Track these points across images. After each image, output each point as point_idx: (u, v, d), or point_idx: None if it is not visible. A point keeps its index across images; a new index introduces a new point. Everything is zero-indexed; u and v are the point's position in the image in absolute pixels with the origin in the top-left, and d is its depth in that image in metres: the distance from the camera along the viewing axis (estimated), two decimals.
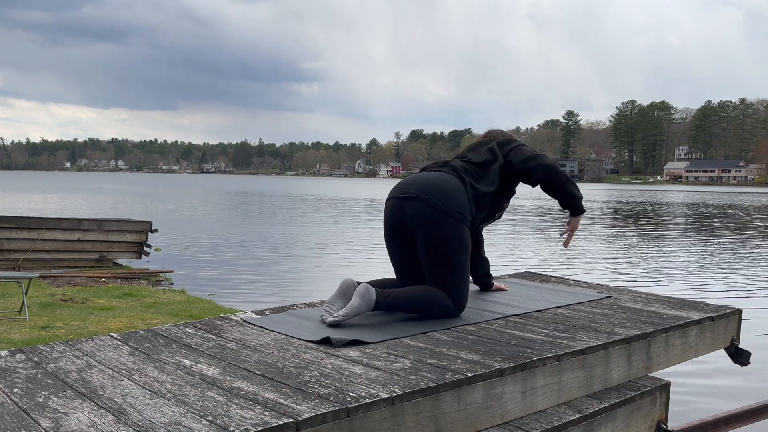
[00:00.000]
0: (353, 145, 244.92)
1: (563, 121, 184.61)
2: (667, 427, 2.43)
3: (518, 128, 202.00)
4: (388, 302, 2.52)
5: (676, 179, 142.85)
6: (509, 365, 1.96)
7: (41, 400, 1.64)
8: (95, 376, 1.84)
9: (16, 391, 1.71)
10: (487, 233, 3.20)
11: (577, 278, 4.87)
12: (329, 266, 12.19)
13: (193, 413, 1.54)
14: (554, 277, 3.71)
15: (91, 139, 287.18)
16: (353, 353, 2.07)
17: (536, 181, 2.78)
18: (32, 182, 73.55)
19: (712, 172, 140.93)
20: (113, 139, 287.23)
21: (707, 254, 15.03)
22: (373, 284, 2.58)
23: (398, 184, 2.80)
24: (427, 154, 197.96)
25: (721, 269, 12.50)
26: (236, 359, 2.00)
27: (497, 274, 3.46)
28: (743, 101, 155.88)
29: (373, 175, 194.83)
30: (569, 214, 2.93)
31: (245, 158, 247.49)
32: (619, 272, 11.92)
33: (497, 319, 2.59)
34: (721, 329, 2.81)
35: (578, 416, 2.07)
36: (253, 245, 15.43)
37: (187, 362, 1.97)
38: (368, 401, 1.63)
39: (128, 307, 7.27)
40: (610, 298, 3.09)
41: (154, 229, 10.91)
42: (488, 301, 2.92)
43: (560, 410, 2.09)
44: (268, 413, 1.53)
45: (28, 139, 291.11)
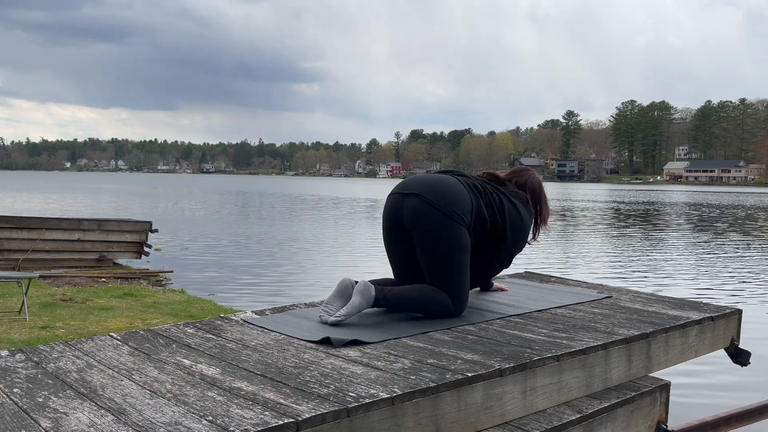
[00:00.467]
0: (353, 145, 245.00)
1: (563, 121, 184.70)
2: (667, 427, 2.43)
3: (518, 128, 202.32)
4: (387, 299, 2.51)
5: (676, 179, 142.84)
6: (509, 365, 1.96)
7: (41, 400, 1.64)
8: (95, 376, 1.84)
9: (16, 391, 1.71)
10: None
11: (577, 278, 4.87)
12: (329, 266, 12.19)
13: (193, 413, 1.54)
14: (554, 277, 3.71)
15: (91, 139, 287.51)
16: (353, 353, 2.07)
17: (484, 280, 3.04)
18: (32, 182, 73.54)
19: (712, 172, 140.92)
20: (113, 139, 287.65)
21: (707, 254, 15.03)
22: (372, 283, 2.58)
23: (402, 181, 2.81)
24: (427, 154, 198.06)
25: (721, 269, 12.50)
26: (236, 359, 2.00)
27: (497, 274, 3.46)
28: (743, 101, 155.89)
29: (373, 175, 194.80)
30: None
31: (245, 158, 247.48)
32: (619, 272, 11.92)
33: (497, 319, 2.59)
34: (721, 329, 2.81)
35: (578, 416, 2.06)
36: (253, 245, 15.43)
37: (187, 362, 1.97)
38: (368, 401, 1.63)
39: (128, 307, 7.27)
40: (610, 298, 3.09)
41: (154, 229, 10.91)
42: (488, 301, 2.92)
43: (560, 410, 2.09)
44: (268, 413, 1.53)
45: (28, 139, 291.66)
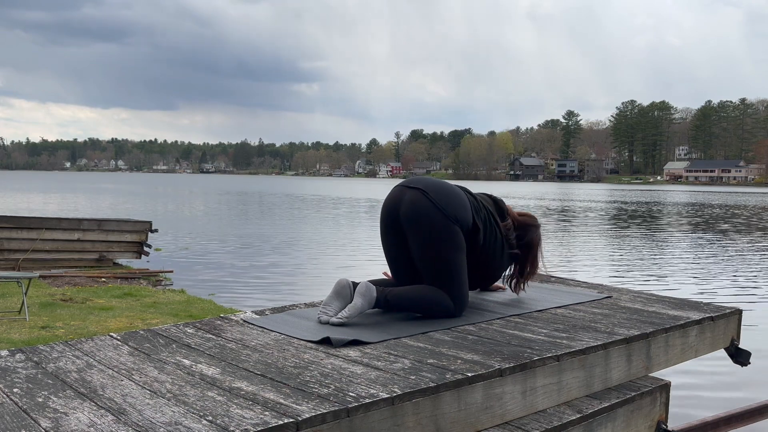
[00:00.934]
0: (353, 145, 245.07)
1: (563, 121, 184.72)
2: (667, 427, 2.43)
3: (518, 128, 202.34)
4: (388, 300, 2.51)
5: (676, 179, 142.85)
6: (509, 365, 1.96)
7: (41, 400, 1.64)
8: (95, 376, 1.84)
9: (16, 391, 1.71)
10: None
11: (577, 278, 4.87)
12: (329, 266, 12.19)
13: (193, 413, 1.54)
14: (554, 277, 3.71)
15: (91, 139, 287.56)
16: (353, 353, 2.07)
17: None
18: (32, 182, 73.54)
19: (712, 172, 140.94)
20: (113, 139, 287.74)
21: (707, 254, 15.04)
22: (372, 283, 2.58)
23: (409, 178, 2.84)
24: (427, 154, 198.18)
25: (721, 269, 12.50)
26: (236, 359, 2.00)
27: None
28: (743, 101, 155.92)
29: (373, 175, 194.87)
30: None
31: (245, 158, 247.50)
32: (619, 272, 11.92)
33: (497, 319, 2.59)
34: (721, 329, 2.81)
35: (578, 416, 2.06)
36: (253, 245, 15.43)
37: (187, 362, 1.97)
38: (368, 401, 1.62)
39: (128, 307, 7.27)
40: (610, 298, 3.08)
41: (153, 229, 10.91)
42: (488, 301, 2.92)
43: (560, 410, 2.09)
44: (268, 413, 1.53)
45: (28, 139, 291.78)
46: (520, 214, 2.98)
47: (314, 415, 1.52)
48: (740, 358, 2.87)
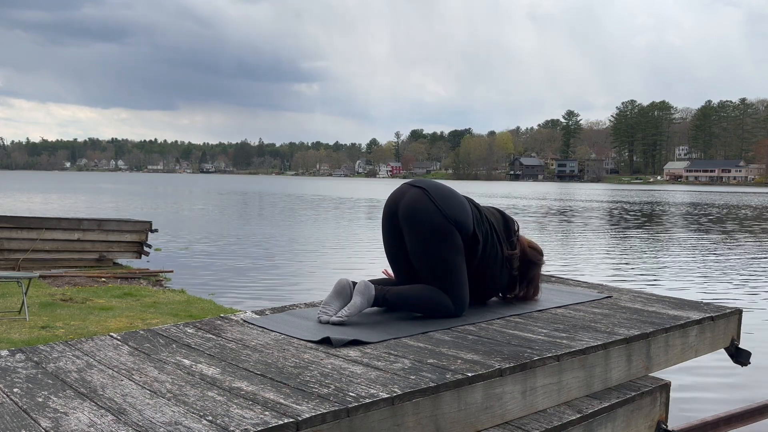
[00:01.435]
0: (353, 145, 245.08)
1: (563, 120, 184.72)
2: (667, 427, 2.43)
3: (518, 128, 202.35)
4: (387, 299, 2.51)
5: (676, 179, 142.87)
6: (509, 365, 1.96)
7: (41, 400, 1.64)
8: (95, 376, 1.84)
9: (16, 390, 1.71)
10: None
11: (577, 278, 4.87)
12: (329, 266, 12.19)
13: (193, 413, 1.54)
14: (554, 277, 3.71)
15: (91, 139, 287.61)
16: (353, 353, 2.07)
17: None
18: (32, 182, 73.54)
19: (712, 172, 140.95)
20: (113, 138, 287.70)
21: (707, 254, 15.03)
22: (372, 282, 2.58)
23: (416, 178, 2.84)
24: (427, 153, 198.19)
25: (721, 269, 12.50)
26: (236, 359, 2.00)
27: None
28: (743, 101, 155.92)
29: (373, 175, 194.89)
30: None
31: (245, 158, 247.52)
32: (619, 272, 11.92)
33: (497, 319, 2.59)
34: (721, 329, 2.81)
35: (578, 416, 2.06)
36: (253, 245, 15.42)
37: (187, 362, 1.97)
38: (368, 401, 1.62)
39: (128, 307, 7.27)
40: (610, 298, 3.08)
41: (154, 229, 10.91)
42: (488, 301, 2.92)
43: (560, 410, 2.09)
44: (268, 413, 1.53)
45: (28, 138, 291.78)
46: (530, 245, 2.92)
47: (314, 415, 1.52)
48: (740, 358, 2.87)
